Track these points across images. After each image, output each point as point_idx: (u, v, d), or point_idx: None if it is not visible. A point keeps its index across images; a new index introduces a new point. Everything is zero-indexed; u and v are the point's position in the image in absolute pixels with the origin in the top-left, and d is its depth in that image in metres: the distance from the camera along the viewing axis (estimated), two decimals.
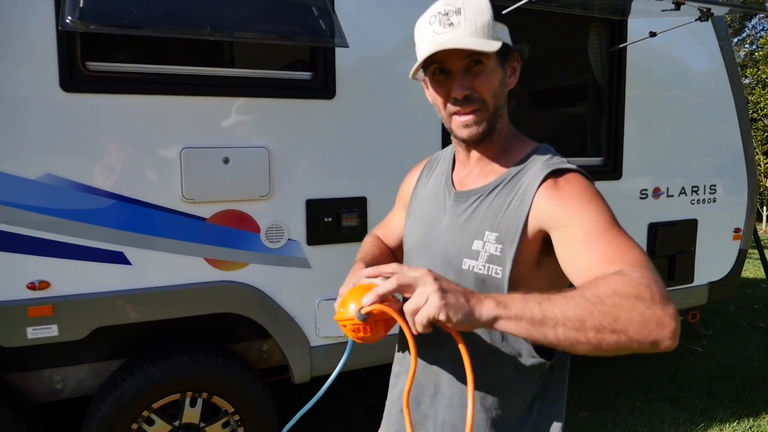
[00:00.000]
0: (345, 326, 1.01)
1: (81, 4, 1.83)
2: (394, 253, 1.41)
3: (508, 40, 1.05)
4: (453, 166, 1.22)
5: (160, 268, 2.25)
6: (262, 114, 2.37)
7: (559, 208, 0.99)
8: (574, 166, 1.06)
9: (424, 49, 1.02)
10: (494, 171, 1.11)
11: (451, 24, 0.99)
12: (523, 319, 0.82)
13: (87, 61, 2.11)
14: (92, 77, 2.12)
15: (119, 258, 2.19)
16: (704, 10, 2.64)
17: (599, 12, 3.05)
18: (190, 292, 2.30)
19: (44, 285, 2.09)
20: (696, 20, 2.72)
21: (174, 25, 2.04)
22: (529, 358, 1.07)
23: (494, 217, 1.05)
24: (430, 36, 1.01)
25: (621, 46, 3.10)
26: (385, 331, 1.01)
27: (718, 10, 2.80)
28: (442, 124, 2.67)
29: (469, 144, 1.12)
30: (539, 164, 1.06)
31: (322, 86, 2.45)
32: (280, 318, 2.47)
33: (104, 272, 2.17)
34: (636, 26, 3.12)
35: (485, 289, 1.02)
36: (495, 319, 0.83)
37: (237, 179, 2.31)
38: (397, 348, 1.30)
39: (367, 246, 1.39)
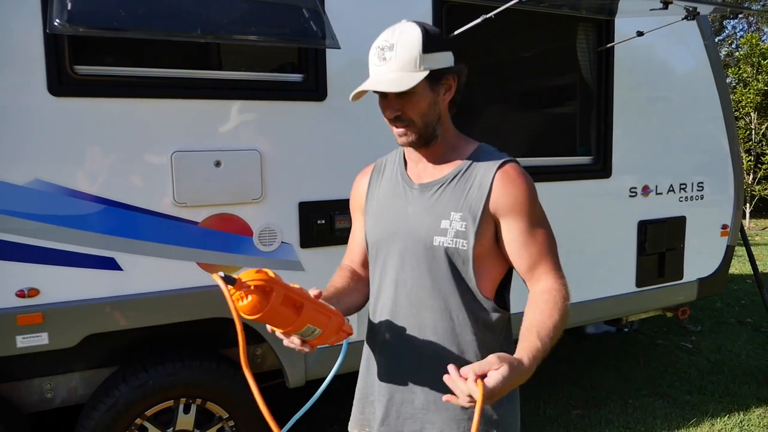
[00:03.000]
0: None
1: (69, 7, 1.81)
2: (360, 278, 1.47)
3: (446, 64, 1.24)
4: (405, 165, 1.39)
5: (152, 274, 2.22)
6: (253, 117, 2.35)
7: (509, 198, 1.24)
8: (515, 159, 1.31)
9: (366, 81, 1.24)
10: (448, 165, 1.32)
11: (384, 59, 1.21)
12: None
13: (75, 64, 2.08)
14: (81, 81, 2.10)
15: (110, 264, 2.16)
16: (690, 9, 2.67)
17: (587, 12, 3.07)
18: (182, 298, 2.27)
19: (34, 292, 2.06)
20: (682, 19, 2.75)
21: (164, 27, 2.02)
22: (493, 314, 1.31)
23: (457, 201, 1.26)
24: (372, 66, 1.24)
25: (609, 45, 3.12)
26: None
27: (704, 9, 2.83)
28: None
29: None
30: (489, 157, 1.30)
31: (314, 88, 2.44)
32: None
33: (95, 278, 2.14)
34: (623, 26, 3.15)
35: (455, 260, 1.25)
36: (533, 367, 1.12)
37: (229, 182, 2.30)
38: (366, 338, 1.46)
39: (335, 278, 1.45)
